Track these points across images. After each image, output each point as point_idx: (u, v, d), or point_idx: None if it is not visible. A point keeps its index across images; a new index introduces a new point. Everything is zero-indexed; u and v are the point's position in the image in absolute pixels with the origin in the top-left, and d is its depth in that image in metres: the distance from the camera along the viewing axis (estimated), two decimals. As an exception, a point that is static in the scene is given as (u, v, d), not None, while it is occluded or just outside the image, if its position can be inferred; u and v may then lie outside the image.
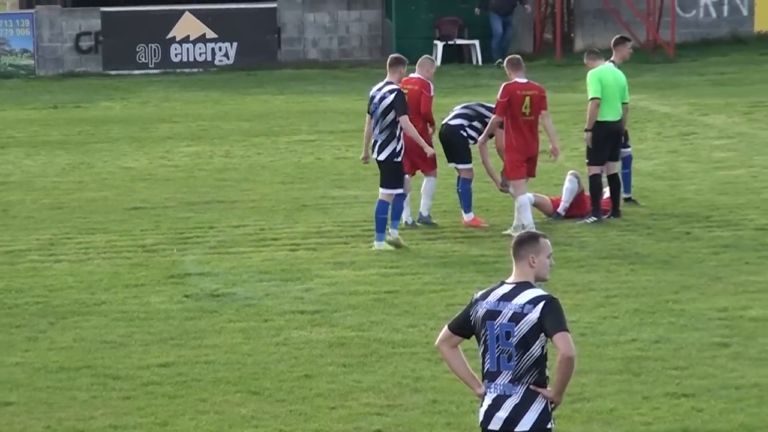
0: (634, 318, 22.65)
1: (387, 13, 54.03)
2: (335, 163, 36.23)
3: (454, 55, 52.73)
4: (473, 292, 14.09)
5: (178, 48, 53.22)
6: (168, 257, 27.40)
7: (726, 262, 25.96)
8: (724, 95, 44.69)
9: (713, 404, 18.90)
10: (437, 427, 18.43)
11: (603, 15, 54.10)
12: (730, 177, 33.04)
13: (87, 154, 38.08)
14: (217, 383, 20.31)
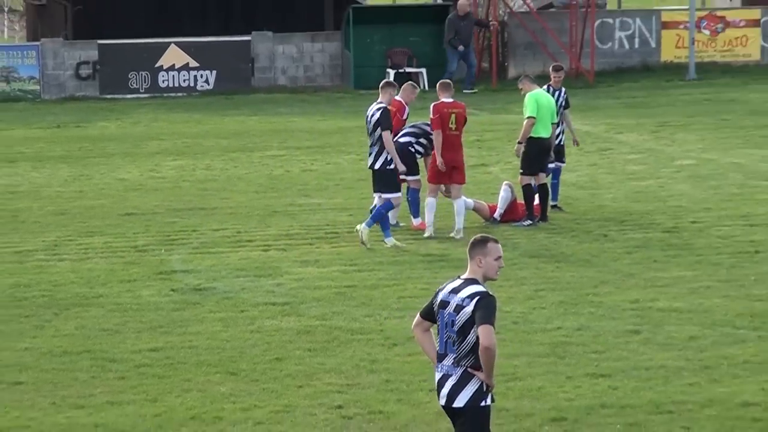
0: (559, 309, 22.64)
1: (346, 45, 53.99)
2: (302, 174, 36.17)
3: (404, 82, 52.61)
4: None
5: (165, 75, 53.12)
6: (157, 256, 27.33)
7: (637, 260, 25.99)
8: (636, 116, 44.73)
9: (626, 383, 18.92)
10: (390, 402, 18.37)
11: (532, 47, 54.16)
12: (641, 187, 33.08)
13: (86, 167, 37.97)
14: (199, 365, 20.27)
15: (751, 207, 30.39)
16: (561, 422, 17.46)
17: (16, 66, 53.04)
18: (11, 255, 27.70)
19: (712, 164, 35.81)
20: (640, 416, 17.59)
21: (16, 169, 38.03)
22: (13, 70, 52.92)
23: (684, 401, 18.06)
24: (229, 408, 18.40)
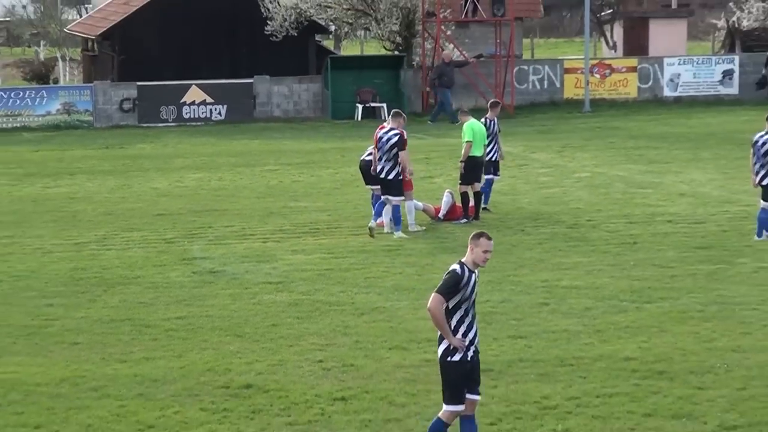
0: (487, 286, 22.59)
1: (325, 86, 53.98)
2: (292, 184, 36.09)
3: (370, 113, 52.62)
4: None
5: (188, 109, 53.04)
6: (181, 247, 27.25)
7: (546, 249, 25.99)
8: (545, 140, 44.76)
9: (538, 343, 18.91)
10: (359, 358, 18.33)
11: (467, 87, 54.13)
12: (549, 193, 33.07)
13: (127, 178, 37.86)
14: (213, 329, 20.22)
15: (630, 209, 30.44)
16: (489, 372, 17.41)
17: (74, 102, 52.95)
18: (71, 246, 27.62)
19: (602, 176, 35.86)
20: (549, 368, 17.59)
21: (74, 180, 37.91)
22: (72, 105, 52.83)
23: (581, 357, 18.08)
24: (236, 362, 18.35)
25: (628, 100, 55.45)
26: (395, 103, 51.98)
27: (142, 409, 16.34)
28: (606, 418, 15.45)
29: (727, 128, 46.70)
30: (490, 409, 15.93)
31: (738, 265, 23.92)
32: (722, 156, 39.35)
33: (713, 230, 27.44)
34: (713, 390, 16.40)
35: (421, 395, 16.57)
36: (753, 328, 19.33)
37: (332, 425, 15.61)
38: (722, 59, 57.74)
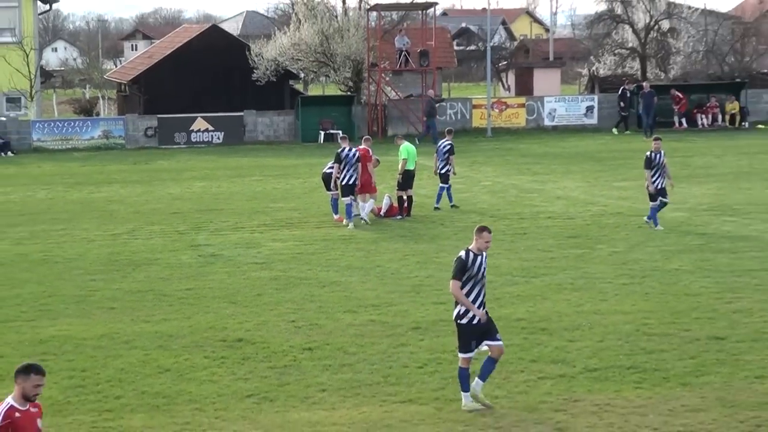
0: (417, 265, 22.58)
1: (297, 117, 53.89)
2: (272, 190, 35.95)
3: (329, 138, 52.51)
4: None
5: (195, 135, 52.74)
6: (190, 237, 27.08)
7: (461, 238, 25.94)
8: (459, 157, 44.32)
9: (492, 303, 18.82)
10: (322, 318, 18.28)
11: (401, 118, 54.14)
12: (463, 197, 32.93)
13: (150, 186, 37.62)
14: (214, 298, 20.10)
15: (521, 208, 30.47)
16: (417, 330, 17.42)
17: (111, 129, 52.56)
18: (108, 236, 27.40)
19: (500, 184, 35.87)
20: (461, 325, 17.58)
21: (111, 187, 37.64)
22: (110, 132, 52.43)
23: (486, 317, 18.06)
24: (231, 322, 18.25)
25: (519, 128, 55.53)
26: (348, 130, 52.04)
27: (161, 357, 16.26)
28: (503, 363, 15.41)
29: (590, 149, 46.87)
30: (418, 356, 15.90)
31: (598, 249, 24.00)
32: (586, 169, 39.48)
33: (580, 224, 27.53)
34: (580, 342, 16.43)
35: (367, 346, 16.53)
36: (609, 296, 19.39)
37: (302, 368, 15.55)
38: (585, 98, 57.90)
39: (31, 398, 9.31)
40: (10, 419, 9.14)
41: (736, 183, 34.06)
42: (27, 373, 9.28)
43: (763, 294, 19.13)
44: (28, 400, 9.30)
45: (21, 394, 9.28)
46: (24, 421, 9.18)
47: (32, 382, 9.26)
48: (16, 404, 9.25)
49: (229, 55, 57.18)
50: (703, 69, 63.38)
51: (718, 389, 13.99)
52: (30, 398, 9.30)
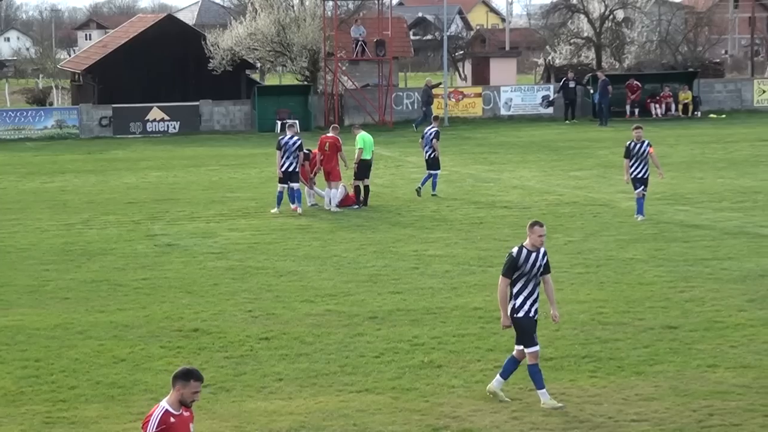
0: (374, 255, 22.60)
1: (253, 107, 53.72)
2: (229, 180, 35.85)
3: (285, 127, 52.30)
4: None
5: (151, 124, 52.50)
6: (146, 226, 26.95)
7: (417, 227, 26.03)
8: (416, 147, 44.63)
9: (410, 297, 18.93)
10: (278, 308, 18.25)
11: (358, 108, 54.13)
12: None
13: (105, 176, 37.42)
14: (170, 288, 20.01)
15: (478, 198, 30.56)
16: (374, 319, 17.43)
17: (65, 119, 52.23)
18: (62, 226, 27.21)
19: (457, 174, 35.94)
20: (418, 315, 17.61)
21: (65, 177, 37.39)
22: (63, 121, 52.09)
23: (442, 307, 18.11)
24: (187, 312, 18.18)
25: (476, 118, 55.63)
26: (305, 120, 52.02)
27: (117, 347, 16.17)
28: (460, 352, 15.49)
29: (545, 138, 47.06)
30: (375, 346, 15.90)
31: (553, 239, 24.08)
32: (542, 159, 39.63)
33: (536, 213, 27.62)
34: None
35: (324, 336, 16.52)
36: (563, 286, 19.47)
37: (259, 358, 15.52)
38: (541, 88, 58.11)
39: (189, 404, 8.99)
40: (165, 425, 8.83)
41: (689, 172, 34.32)
42: (187, 379, 8.95)
43: (714, 283, 19.29)
44: (185, 405, 9.00)
45: (178, 399, 8.96)
46: (178, 426, 8.88)
47: (192, 388, 8.95)
48: (171, 409, 8.93)
49: (185, 44, 56.90)
50: (656, 58, 63.82)
51: (672, 378, 14.09)
52: (187, 404, 8.99)
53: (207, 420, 13.07)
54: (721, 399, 13.21)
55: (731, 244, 22.70)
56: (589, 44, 63.86)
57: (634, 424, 12.50)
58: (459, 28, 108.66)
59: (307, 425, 12.82)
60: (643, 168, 25.66)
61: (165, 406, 8.94)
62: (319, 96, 54.85)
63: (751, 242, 22.88)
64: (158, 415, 8.89)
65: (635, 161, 25.66)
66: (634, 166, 25.67)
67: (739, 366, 14.48)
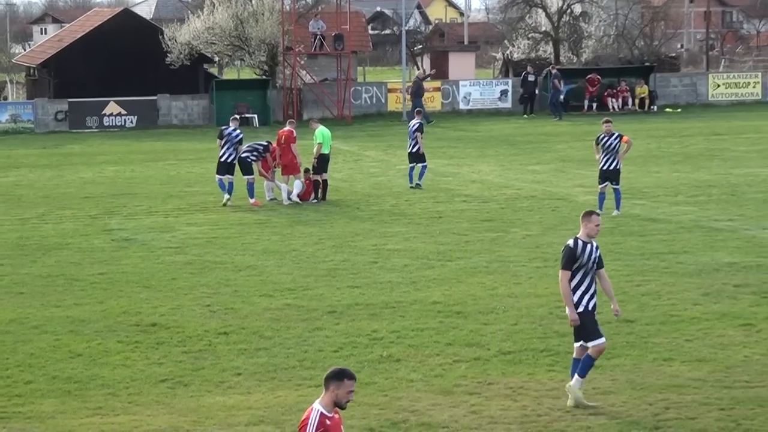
0: (332, 249, 22.57)
1: (211, 101, 53.55)
2: (186, 174, 35.72)
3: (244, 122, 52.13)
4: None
5: (108, 118, 52.24)
6: (103, 221, 26.81)
7: (376, 221, 26.04)
8: (374, 141, 44.85)
9: (369, 291, 18.91)
10: (238, 302, 18.19)
11: (316, 102, 54.05)
12: (378, 181, 33.15)
13: (60, 170, 37.19)
14: (127, 282, 19.91)
15: (437, 192, 30.60)
16: (333, 313, 17.41)
17: (20, 113, 51.85)
18: (17, 220, 27.01)
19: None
20: (377, 309, 17.61)
21: (19, 171, 37.12)
22: (18, 116, 51.70)
23: (401, 301, 18.12)
24: (145, 306, 18.10)
25: (434, 112, 55.71)
26: (263, 114, 51.95)
27: (73, 342, 16.08)
28: (418, 347, 15.52)
29: (504, 133, 47.21)
30: (334, 340, 15.90)
31: (512, 233, 24.19)
32: (501, 153, 39.76)
33: (495, 207, 27.72)
34: (494, 325, 16.55)
35: (282, 330, 16.51)
36: (522, 280, 19.56)
37: (217, 353, 15.48)
38: (500, 82, 58.30)
39: (343, 405, 8.62)
40: (323, 427, 8.51)
41: (645, 166, 34.54)
42: (341, 379, 8.59)
43: (670, 277, 19.43)
44: (339, 407, 8.64)
45: (332, 401, 8.59)
46: (333, 429, 8.57)
47: (346, 387, 8.57)
48: (326, 411, 8.58)
49: (142, 38, 56.59)
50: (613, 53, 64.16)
51: (628, 371, 14.18)
52: (342, 405, 8.62)
53: (165, 415, 13.03)
54: (677, 392, 13.31)
55: (686, 238, 22.87)
56: (547, 39, 64.11)
57: (591, 418, 12.57)
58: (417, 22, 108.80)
59: (266, 420, 12.81)
60: (612, 161, 25.73)
61: (320, 409, 8.60)
62: (277, 90, 54.75)
63: (706, 236, 23.07)
64: (315, 419, 8.54)
65: (604, 154, 25.74)
66: (603, 160, 25.75)
67: (695, 360, 14.59)
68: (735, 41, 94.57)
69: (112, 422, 12.87)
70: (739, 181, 31.04)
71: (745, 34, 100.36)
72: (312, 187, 29.41)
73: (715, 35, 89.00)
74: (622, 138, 25.74)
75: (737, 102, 56.82)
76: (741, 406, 12.70)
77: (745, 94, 57.40)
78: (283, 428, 12.52)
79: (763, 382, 13.20)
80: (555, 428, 12.30)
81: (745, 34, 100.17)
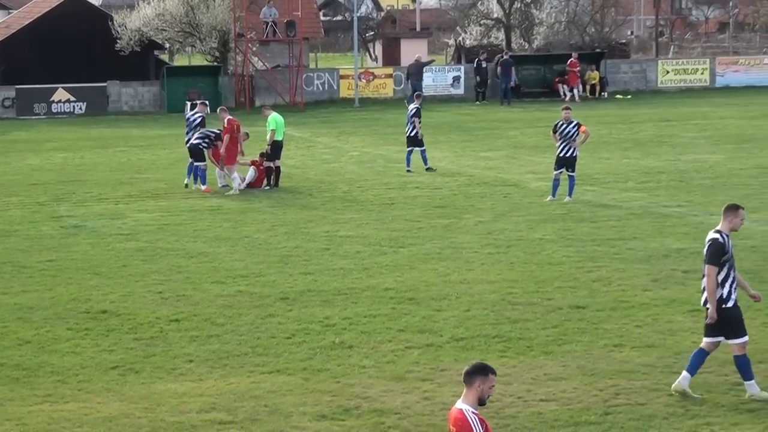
0: (285, 236, 22.49)
1: (162, 88, 53.23)
2: (138, 161, 35.47)
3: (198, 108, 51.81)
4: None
5: (56, 105, 51.83)
6: (51, 208, 26.55)
7: (328, 208, 25.98)
8: (327, 128, 44.77)
9: (322, 277, 18.86)
10: (189, 289, 18.08)
11: (268, 89, 53.84)
12: (330, 167, 33.09)
13: (8, 157, 36.82)
14: (77, 270, 19.76)
15: (389, 178, 30.60)
16: (285, 300, 17.37)
17: (-32, 99, 51.57)
18: (-33, 208, 26.76)
19: (368, 155, 35.97)
20: (330, 296, 17.58)
21: (-31, 158, 36.76)
22: (-35, 102, 51.45)
23: (353, 287, 18.10)
24: (95, 293, 17.96)
25: (386, 99, 55.67)
26: (215, 101, 51.59)
27: (21, 329, 15.94)
28: (371, 333, 15.52)
29: (456, 119, 47.28)
30: (286, 327, 15.86)
31: (464, 219, 24.24)
32: (453, 139, 39.81)
33: (447, 194, 27.76)
34: (447, 311, 16.57)
35: (235, 317, 16.45)
36: (475, 266, 19.60)
37: (169, 339, 15.40)
38: (452, 68, 58.36)
39: (485, 400, 8.32)
40: (484, 425, 8.18)
41: (596, 153, 34.71)
42: (486, 374, 8.28)
43: (621, 263, 19.55)
44: (482, 403, 8.33)
45: (477, 397, 8.27)
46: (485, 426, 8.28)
47: (490, 382, 8.30)
48: (474, 409, 8.24)
49: (91, 25, 56.11)
50: (565, 39, 64.39)
51: (579, 357, 14.26)
52: (485, 401, 8.31)
53: (115, 402, 12.94)
54: (627, 378, 13.39)
55: (636, 224, 23.02)
56: (499, 25, 64.24)
57: (542, 404, 12.63)
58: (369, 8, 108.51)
59: (218, 406, 12.76)
60: (569, 148, 25.81)
61: (470, 408, 8.26)
62: (229, 77, 54.52)
63: (655, 222, 23.23)
64: (474, 419, 8.20)
65: (562, 141, 25.82)
66: (560, 147, 25.83)
67: (644, 345, 14.69)
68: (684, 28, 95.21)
69: (61, 409, 12.77)
70: (687, 167, 31.29)
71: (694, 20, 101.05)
72: (264, 173, 29.30)
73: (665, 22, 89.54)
74: (580, 127, 25.86)
75: (686, 88, 57.21)
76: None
77: (693, 81, 57.81)
78: (235, 415, 12.48)
79: (710, 367, 13.32)
80: (507, 414, 12.34)
81: (694, 21, 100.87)
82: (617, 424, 11.89)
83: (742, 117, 44.84)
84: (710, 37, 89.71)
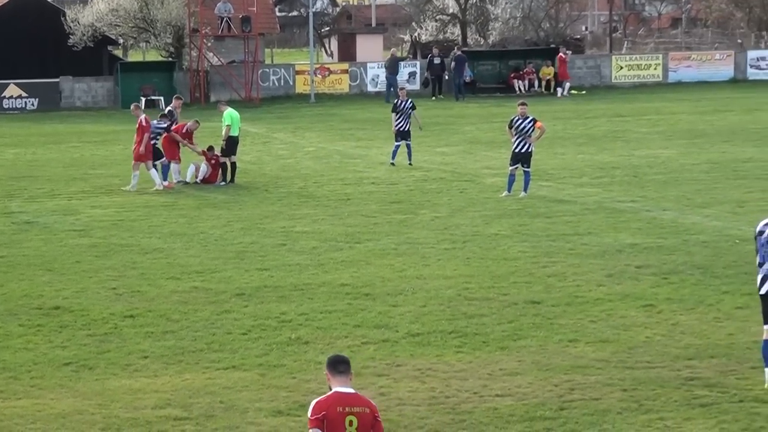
0: (241, 232, 22.34)
1: (116, 83, 52.96)
2: (91, 157, 35.25)
3: (150, 104, 51.62)
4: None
5: (8, 101, 51.61)
6: (2, 204, 26.32)
7: (285, 204, 25.93)
8: (283, 123, 44.70)
9: (278, 273, 18.79)
10: (144, 285, 17.96)
11: (224, 84, 53.69)
12: (286, 163, 33.04)
13: (-36, 152, 36.51)
14: (29, 266, 19.59)
15: (345, 174, 30.58)
16: (241, 296, 17.30)
17: None
18: None
19: (324, 150, 35.93)
20: (286, 292, 17.52)
21: None
22: None
23: (309, 283, 18.05)
24: (48, 290, 17.81)
25: (342, 94, 55.66)
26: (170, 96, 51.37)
27: (-25, 328, 15.76)
28: (327, 329, 15.49)
29: (413, 115, 47.28)
30: (242, 323, 15.79)
31: (420, 215, 24.26)
32: (409, 135, 39.80)
33: (403, 189, 27.77)
34: (403, 307, 16.57)
35: (190, 313, 16.35)
36: (431, 261, 19.61)
37: (123, 336, 15.29)
38: (408, 64, 58.41)
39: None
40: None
41: (552, 148, 34.85)
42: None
43: (576, 258, 19.63)
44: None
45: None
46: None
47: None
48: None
49: (43, 20, 55.70)
50: (520, 35, 64.62)
51: (534, 353, 14.29)
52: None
53: (69, 398, 12.84)
54: (582, 373, 13.44)
55: (591, 220, 23.13)
56: (455, 21, 64.36)
57: (498, 399, 12.65)
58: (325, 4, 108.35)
59: (173, 403, 12.68)
60: (525, 144, 25.83)
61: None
62: (184, 72, 54.30)
63: (610, 217, 23.35)
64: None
65: (517, 137, 25.85)
66: (515, 143, 25.86)
67: (599, 340, 14.75)
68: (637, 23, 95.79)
69: (14, 406, 12.65)
70: (640, 162, 31.48)
71: (647, 16, 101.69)
72: (218, 169, 29.18)
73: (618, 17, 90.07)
74: (536, 123, 25.91)
75: (639, 84, 57.59)
76: (643, 386, 12.87)
77: (646, 76, 58.18)
78: (190, 411, 12.41)
79: (663, 362, 13.40)
80: (462, 410, 12.36)
81: (647, 17, 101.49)
82: (572, 419, 11.93)
83: (693, 112, 45.21)
84: (663, 32, 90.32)
